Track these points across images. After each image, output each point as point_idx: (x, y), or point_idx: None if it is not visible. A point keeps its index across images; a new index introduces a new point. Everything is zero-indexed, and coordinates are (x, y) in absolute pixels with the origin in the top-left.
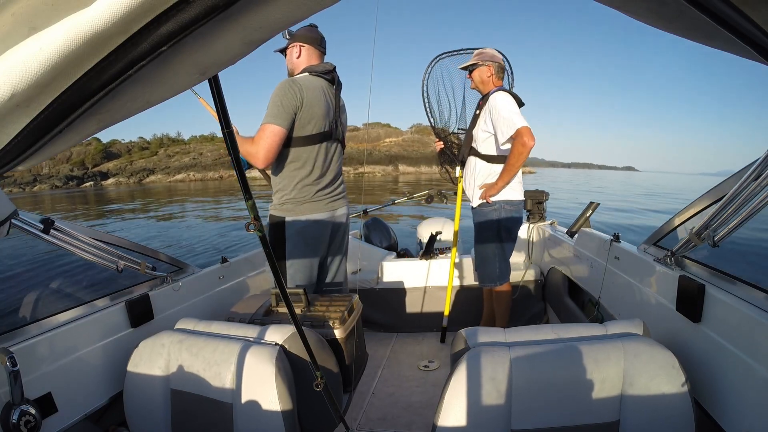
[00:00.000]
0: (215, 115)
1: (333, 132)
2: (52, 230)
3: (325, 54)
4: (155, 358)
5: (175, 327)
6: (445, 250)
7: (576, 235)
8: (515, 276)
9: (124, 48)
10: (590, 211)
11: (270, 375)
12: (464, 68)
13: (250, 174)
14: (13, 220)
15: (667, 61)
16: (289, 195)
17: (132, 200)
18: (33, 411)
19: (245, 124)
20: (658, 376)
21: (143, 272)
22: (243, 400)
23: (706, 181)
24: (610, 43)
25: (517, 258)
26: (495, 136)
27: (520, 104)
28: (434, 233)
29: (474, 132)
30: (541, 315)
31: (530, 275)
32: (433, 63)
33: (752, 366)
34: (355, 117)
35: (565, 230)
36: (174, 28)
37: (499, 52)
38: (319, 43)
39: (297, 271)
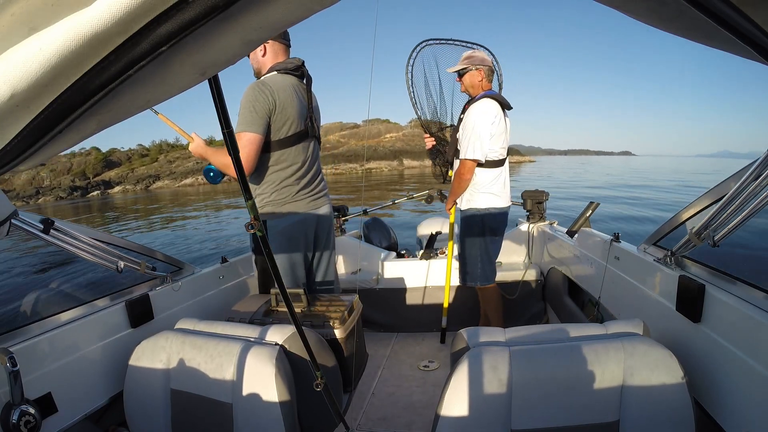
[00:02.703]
0: (177, 129)
1: (309, 130)
2: (52, 230)
3: (290, 47)
4: (155, 358)
5: (175, 327)
6: (445, 249)
7: (576, 235)
8: (515, 276)
9: (124, 48)
10: (590, 211)
11: (270, 375)
12: (454, 71)
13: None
14: (13, 220)
15: (662, 45)
16: (269, 198)
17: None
18: (33, 411)
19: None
20: (658, 375)
21: (143, 272)
22: (243, 400)
23: (703, 163)
24: (602, 29)
25: (517, 258)
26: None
27: (508, 108)
28: (434, 233)
29: (459, 135)
30: (541, 315)
31: (530, 275)
32: (418, 49)
33: (752, 366)
34: (354, 114)
35: (565, 230)
36: (174, 28)
37: (488, 50)
38: (282, 36)
39: (282, 273)
